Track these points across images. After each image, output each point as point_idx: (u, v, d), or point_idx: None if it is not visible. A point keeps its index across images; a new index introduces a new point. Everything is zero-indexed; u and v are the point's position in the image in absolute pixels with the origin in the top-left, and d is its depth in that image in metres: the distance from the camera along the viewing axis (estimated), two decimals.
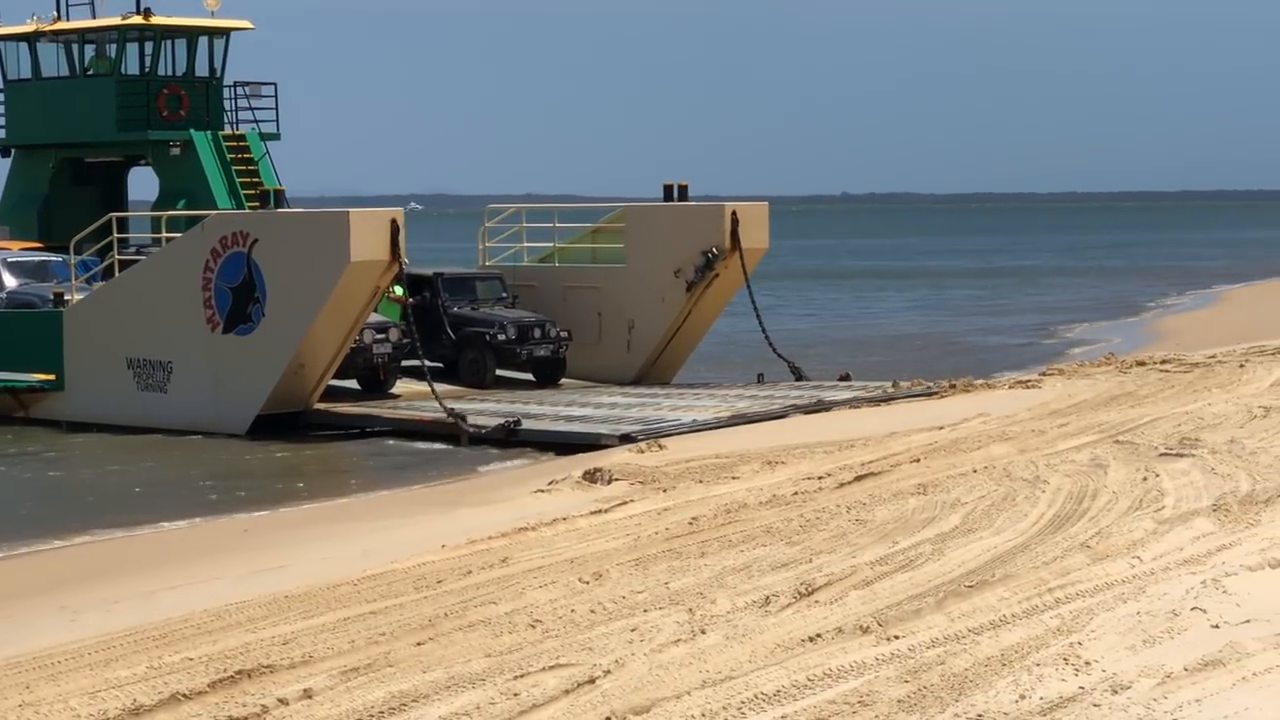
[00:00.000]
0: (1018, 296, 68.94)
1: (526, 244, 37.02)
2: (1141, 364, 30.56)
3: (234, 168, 37.86)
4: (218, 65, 38.79)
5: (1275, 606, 11.63)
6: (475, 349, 33.98)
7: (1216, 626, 11.28)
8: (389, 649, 12.13)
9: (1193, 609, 11.69)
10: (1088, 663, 10.56)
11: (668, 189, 35.26)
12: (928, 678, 10.50)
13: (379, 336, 32.24)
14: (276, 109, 39.11)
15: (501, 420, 28.30)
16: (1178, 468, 17.59)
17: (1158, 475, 17.15)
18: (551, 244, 36.91)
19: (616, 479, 20.75)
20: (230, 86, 39.03)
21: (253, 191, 37.03)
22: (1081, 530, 14.81)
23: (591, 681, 10.87)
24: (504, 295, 35.24)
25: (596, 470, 21.20)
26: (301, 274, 29.31)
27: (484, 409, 29.95)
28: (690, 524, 16.68)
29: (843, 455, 20.97)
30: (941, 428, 23.06)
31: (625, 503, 18.66)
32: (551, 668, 11.27)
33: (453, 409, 29.04)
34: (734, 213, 33.67)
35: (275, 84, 39.34)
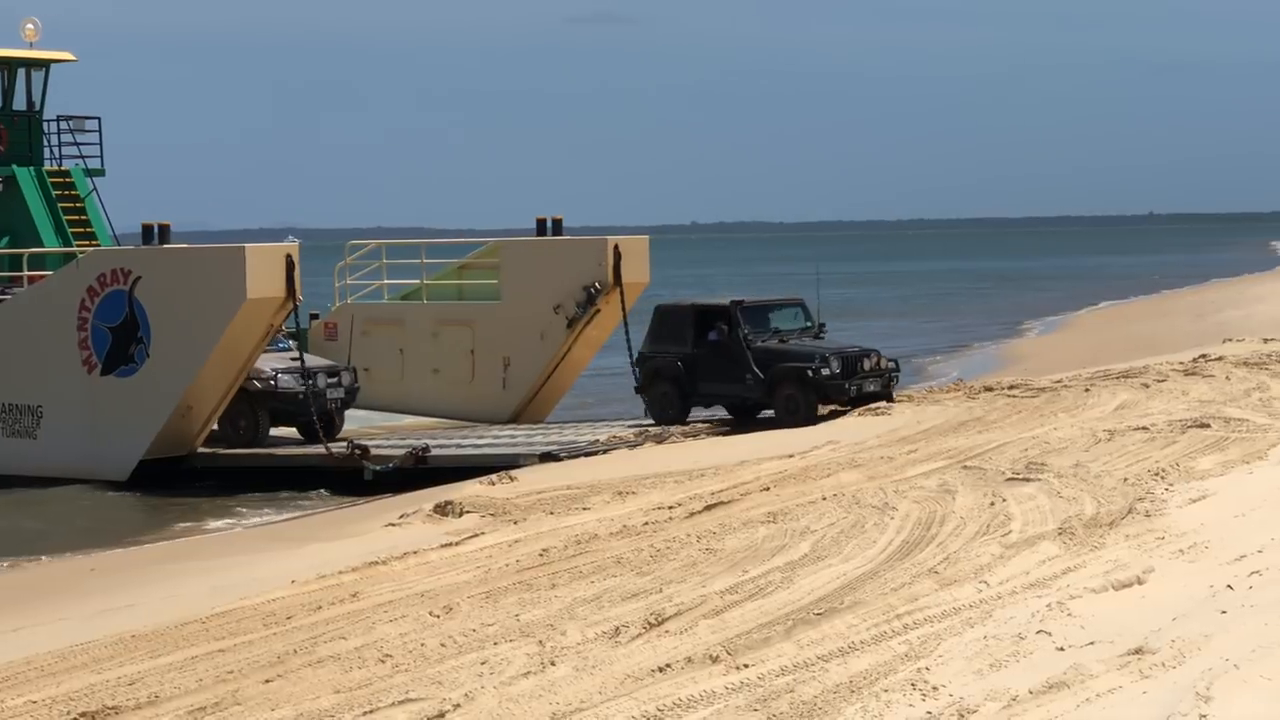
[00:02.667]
0: (864, 323, 69.39)
1: (388, 280, 36.27)
2: (989, 389, 30.82)
3: (60, 205, 35.52)
4: (37, 99, 36.72)
5: (1118, 628, 11.77)
6: (792, 385, 30.55)
7: (1061, 649, 11.40)
8: (237, 687, 12.02)
9: (1038, 632, 11.81)
10: (935, 688, 10.64)
11: (540, 223, 34.70)
12: (777, 706, 10.53)
13: (331, 380, 31.36)
14: (101, 143, 36.97)
15: (408, 449, 28.04)
16: (1024, 492, 17.76)
17: (1005, 500, 17.31)
18: (417, 280, 35.86)
19: (468, 511, 20.68)
20: (52, 120, 36.82)
21: (81, 230, 35.65)
22: (930, 556, 14.92)
23: (441, 716, 10.83)
24: (809, 324, 32.41)
25: (448, 503, 21.11)
26: (191, 312, 28.41)
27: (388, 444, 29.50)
28: (541, 555, 16.66)
29: (693, 484, 21.01)
30: (791, 456, 23.16)
31: (476, 535, 18.59)
32: (401, 702, 11.20)
33: (355, 441, 28.78)
34: (616, 247, 33.25)
35: (99, 118, 37.42)
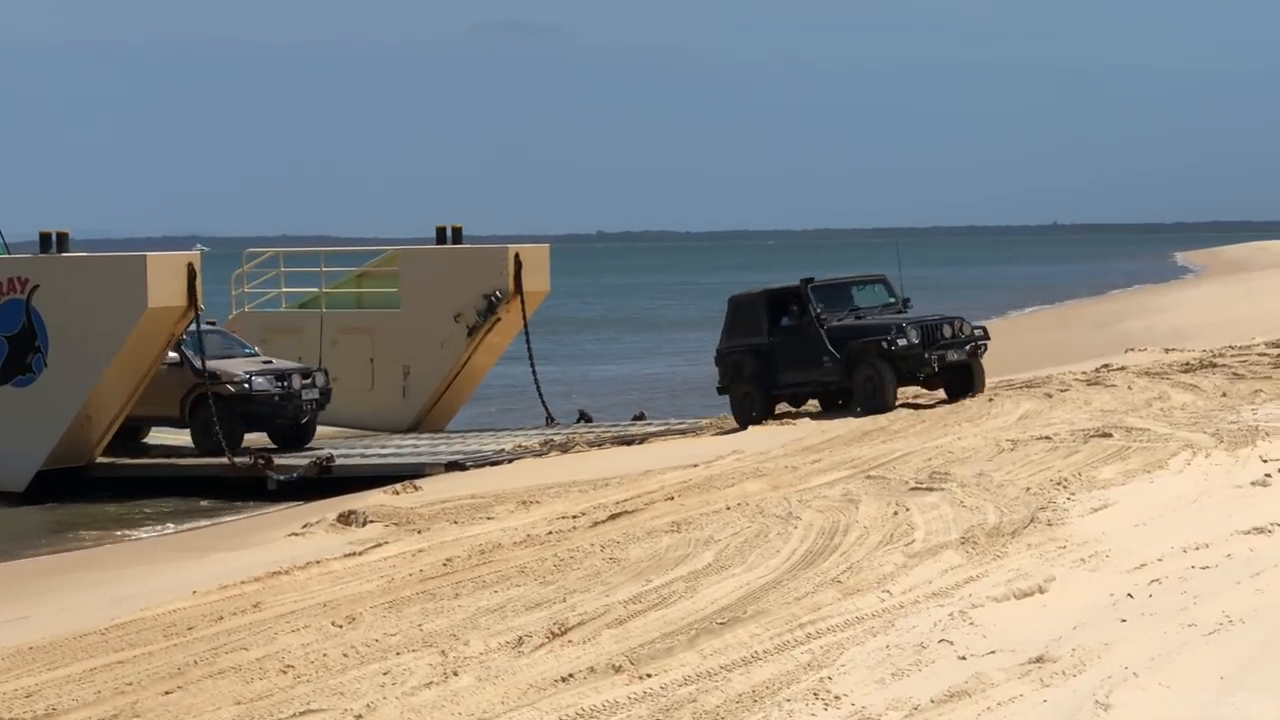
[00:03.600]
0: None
1: (285, 289, 36.14)
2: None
3: None
4: None
5: (1020, 637, 11.83)
6: (870, 362, 28.76)
7: (963, 658, 11.44)
8: (136, 699, 11.93)
9: (940, 641, 11.85)
10: (837, 697, 10.66)
11: (440, 231, 34.68)
12: (680, 715, 10.53)
13: (305, 382, 30.87)
14: None
15: (312, 459, 27.90)
16: (927, 501, 17.83)
17: (908, 509, 17.37)
18: (315, 289, 35.74)
19: (371, 521, 20.63)
20: None
21: None
22: (833, 565, 14.95)
23: None
24: (892, 300, 30.94)
25: (351, 513, 21.04)
26: (90, 321, 28.22)
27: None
28: (445, 565, 16.61)
29: (597, 494, 21.00)
30: (696, 465, 23.17)
31: (380, 545, 18.52)
32: (302, 714, 11.15)
33: (258, 451, 28.61)
34: (517, 255, 33.25)
35: None
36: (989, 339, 30.02)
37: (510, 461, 27.44)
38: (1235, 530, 14.98)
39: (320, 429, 32.08)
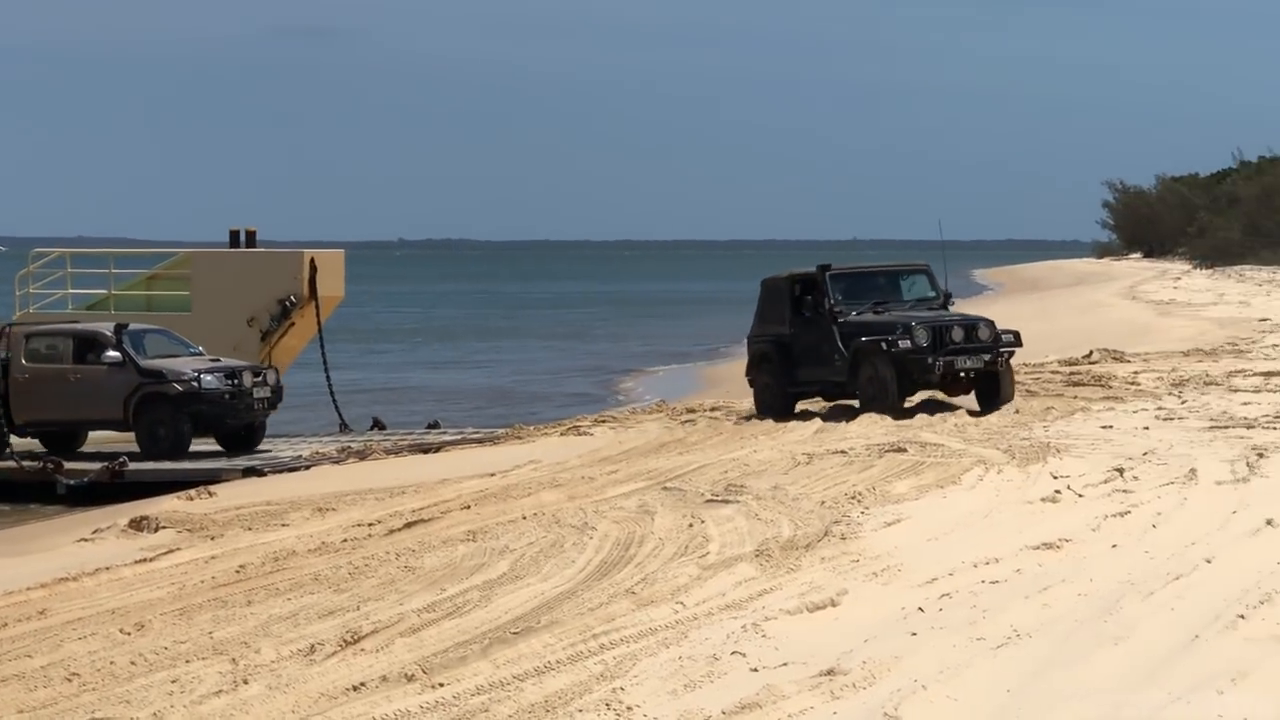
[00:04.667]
0: (573, 342, 69.73)
1: (73, 290, 35.50)
2: (691, 411, 31.07)
3: None
4: None
5: (812, 649, 11.90)
6: (872, 363, 26.52)
7: (755, 670, 11.49)
8: None
9: (733, 653, 11.89)
10: (630, 708, 10.67)
11: (234, 235, 34.41)
12: None
13: (256, 380, 29.69)
14: None
15: (104, 464, 27.40)
16: (723, 514, 17.90)
17: (703, 522, 17.43)
18: (104, 291, 35.19)
19: (164, 527, 20.36)
20: None
21: None
22: (628, 576, 14.96)
23: None
24: (931, 294, 28.36)
25: (143, 518, 20.76)
26: None
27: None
28: (238, 572, 16.43)
29: (394, 502, 20.88)
30: (493, 474, 23.12)
31: (172, 551, 18.29)
32: None
33: (49, 455, 28.06)
34: (312, 260, 33.09)
35: None
36: (1020, 345, 27.33)
37: (308, 468, 27.27)
38: (1025, 545, 15.20)
39: (111, 433, 31.32)
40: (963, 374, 26.71)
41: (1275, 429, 22.62)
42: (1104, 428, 23.88)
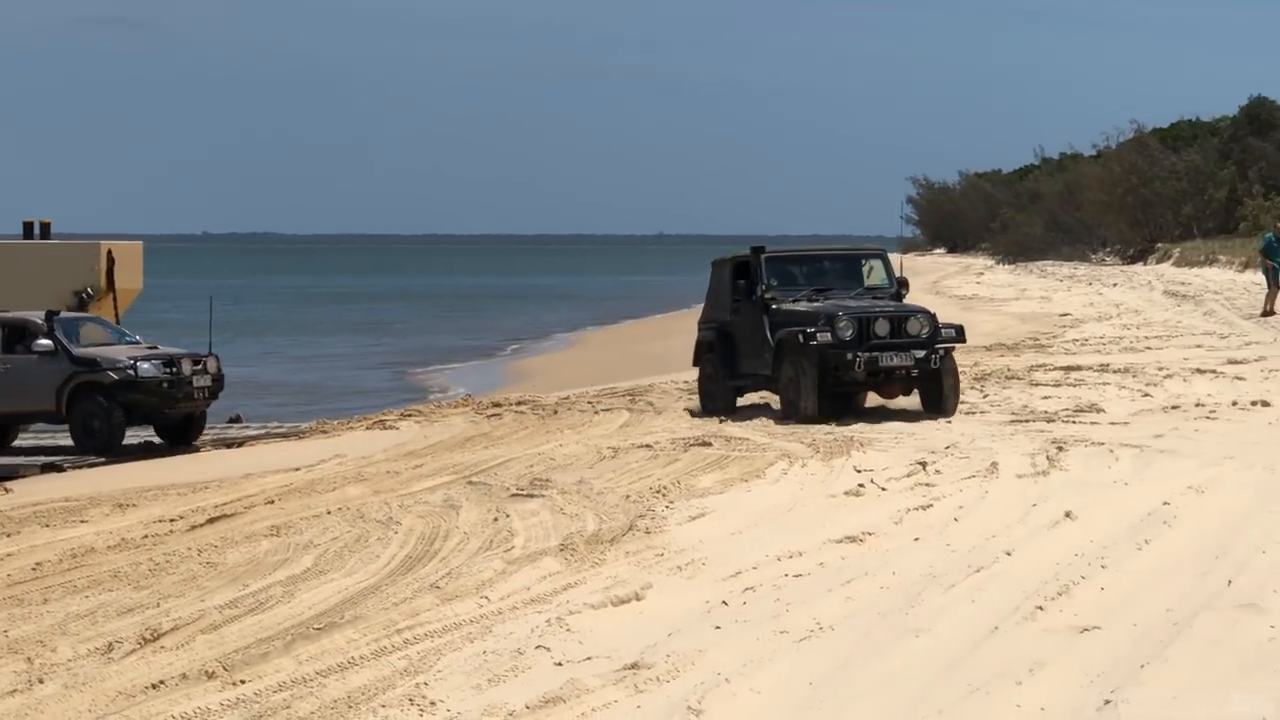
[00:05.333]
0: (379, 336, 69.35)
1: None
2: (498, 405, 31.00)
3: None
4: None
5: (615, 643, 11.91)
6: (791, 359, 23.91)
7: (559, 664, 11.48)
8: None
9: (537, 647, 11.87)
10: (433, 703, 10.61)
11: (28, 226, 33.85)
12: None
13: (196, 368, 28.67)
14: None
15: None
16: (528, 508, 17.87)
17: (508, 516, 17.39)
18: None
19: None
20: None
21: None
22: (432, 571, 14.89)
23: None
24: (884, 284, 25.75)
25: None
26: None
27: None
28: (34, 569, 16.14)
29: (196, 497, 20.63)
30: (297, 469, 22.93)
31: None
32: None
33: None
34: (110, 251, 32.62)
35: None
36: (962, 340, 24.73)
37: (108, 463, 26.88)
38: (828, 539, 15.30)
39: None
40: (894, 372, 23.94)
41: (1074, 423, 22.96)
42: (908, 421, 24.10)
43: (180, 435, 29.05)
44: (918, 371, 23.87)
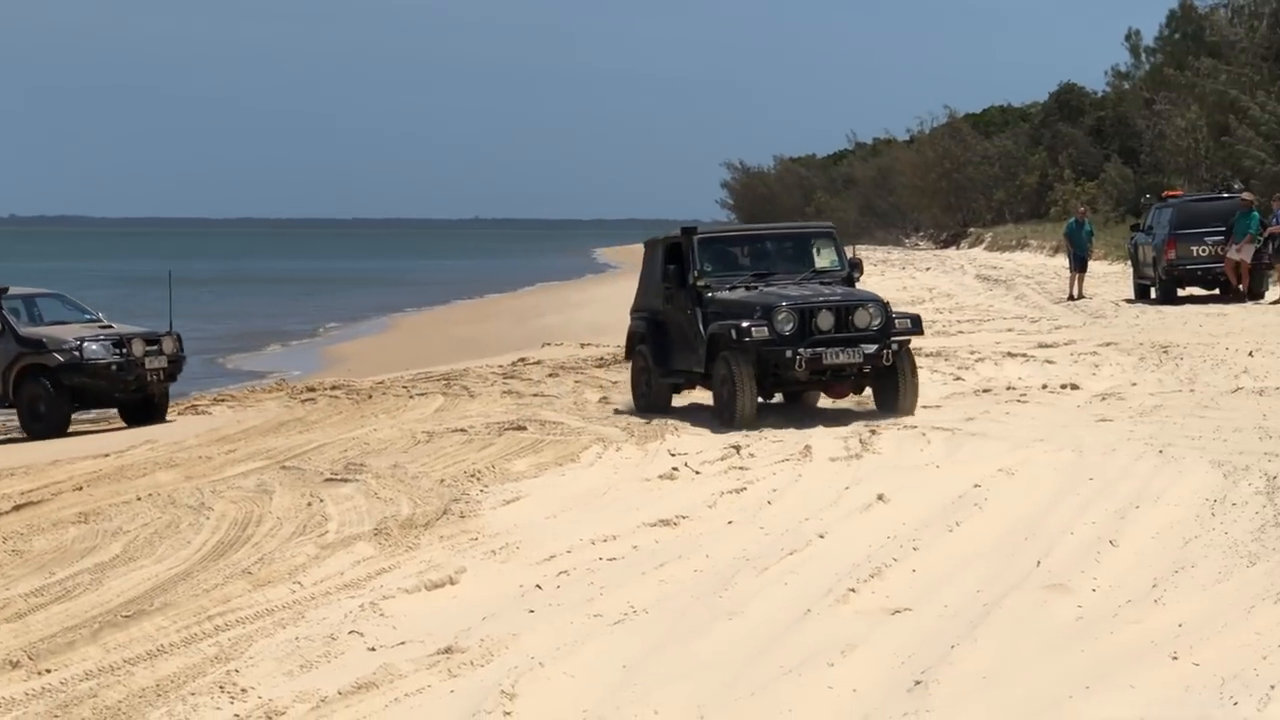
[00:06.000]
0: (190, 320, 68.46)
1: None
2: (312, 390, 30.82)
3: None
4: None
5: (429, 627, 11.86)
6: (725, 357, 21.06)
7: (373, 649, 11.41)
8: None
9: (350, 633, 11.79)
10: (244, 690, 10.50)
11: None
12: (79, 711, 10.21)
13: (150, 348, 27.46)
14: None
15: None
16: (342, 493, 17.77)
17: (322, 500, 17.28)
18: None
19: None
20: None
21: None
22: (245, 557, 14.75)
23: None
24: (836, 266, 22.70)
25: None
26: None
27: None
28: None
29: (1, 485, 20.28)
30: (107, 455, 22.62)
31: None
32: None
33: None
34: None
35: None
36: (919, 331, 21.83)
37: None
38: (642, 522, 15.33)
39: None
40: (841, 370, 21.16)
41: None
42: None
43: (142, 417, 27.93)
44: (869, 368, 21.09)
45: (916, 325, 21.63)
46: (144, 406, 27.90)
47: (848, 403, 22.52)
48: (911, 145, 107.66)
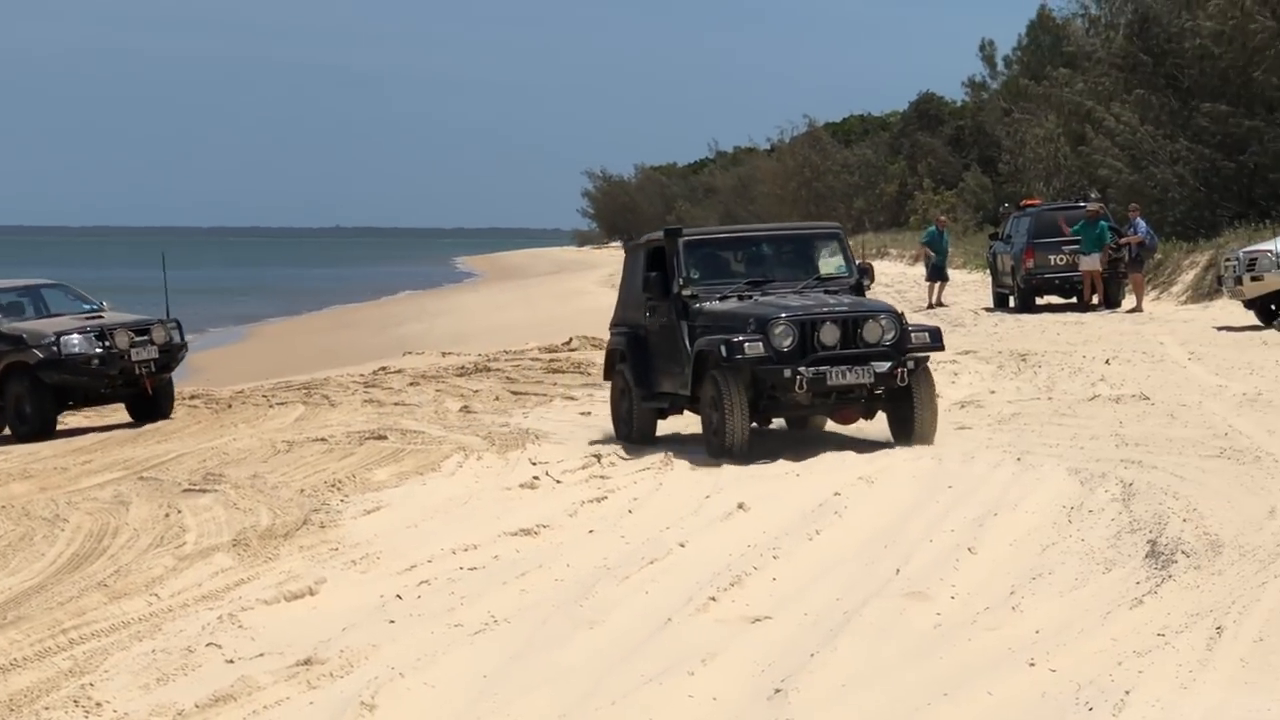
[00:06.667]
0: None
1: None
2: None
3: None
4: None
5: (288, 639, 11.77)
6: (711, 376, 18.37)
7: (231, 661, 11.31)
8: None
9: (208, 645, 11.68)
10: (99, 704, 10.38)
11: None
12: None
13: (138, 338, 25.94)
14: None
15: None
16: (201, 503, 17.62)
17: (180, 511, 17.13)
18: None
19: None
20: None
21: None
22: (101, 569, 14.59)
23: None
24: (843, 271, 19.85)
25: None
26: None
27: None
28: None
29: None
30: None
31: None
32: None
33: None
34: None
35: None
36: (940, 346, 19.11)
37: None
38: (503, 532, 15.29)
39: None
40: (848, 392, 18.49)
41: None
42: (583, 414, 24.20)
43: (148, 413, 26.58)
44: (881, 390, 18.49)
45: (936, 340, 18.98)
46: (145, 401, 26.56)
47: (859, 429, 20.01)
48: (772, 154, 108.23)
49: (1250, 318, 30.61)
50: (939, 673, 10.10)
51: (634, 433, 20.37)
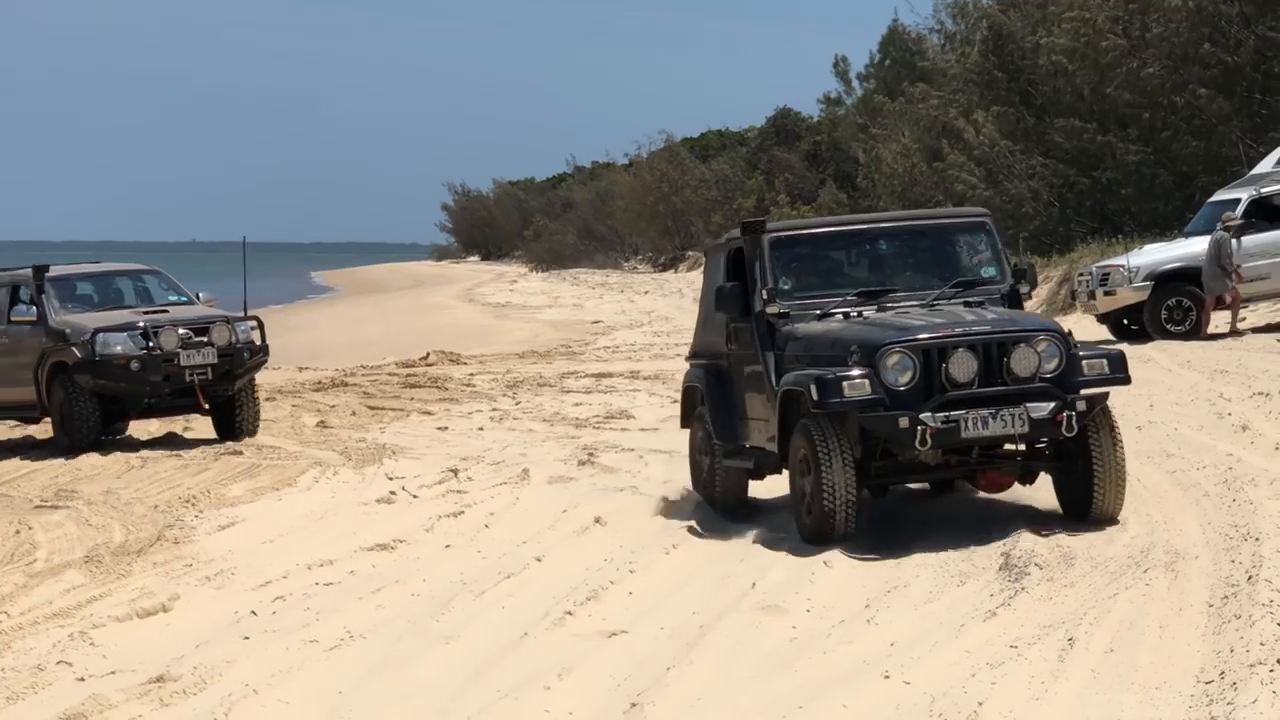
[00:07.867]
0: None
1: None
2: None
3: None
4: None
5: (140, 656, 11.66)
6: (805, 432, 13.36)
7: (82, 679, 11.19)
8: None
9: (59, 663, 11.55)
10: None
11: None
12: None
13: (196, 338, 22.46)
14: None
15: None
16: (52, 520, 17.42)
17: (31, 528, 16.93)
18: None
19: None
20: None
21: None
22: None
23: None
24: (990, 274, 14.77)
25: None
26: None
27: None
28: None
29: None
30: None
31: None
32: None
33: None
34: None
35: None
36: (1123, 379, 13.52)
37: None
38: (359, 547, 15.23)
39: None
40: (994, 447, 13.73)
41: (604, 429, 23.28)
42: (440, 429, 24.15)
43: (226, 426, 23.24)
44: (1042, 443, 13.70)
45: (1118, 370, 13.57)
46: (224, 414, 23.06)
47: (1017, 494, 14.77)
48: (629, 169, 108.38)
49: (1104, 332, 30.96)
50: (795, 686, 10.15)
51: (717, 497, 15.76)
